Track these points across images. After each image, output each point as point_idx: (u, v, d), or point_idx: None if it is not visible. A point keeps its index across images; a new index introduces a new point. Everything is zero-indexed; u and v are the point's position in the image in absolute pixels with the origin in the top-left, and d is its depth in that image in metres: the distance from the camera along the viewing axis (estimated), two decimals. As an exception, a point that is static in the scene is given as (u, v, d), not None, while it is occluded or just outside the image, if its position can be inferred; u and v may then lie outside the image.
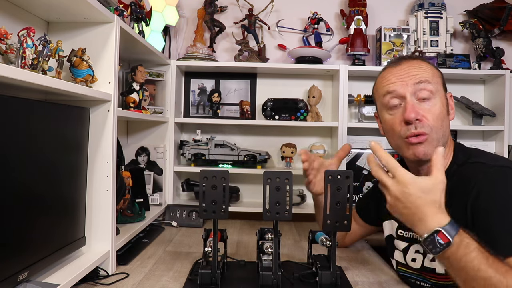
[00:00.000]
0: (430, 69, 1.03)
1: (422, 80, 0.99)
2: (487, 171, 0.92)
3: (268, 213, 0.97)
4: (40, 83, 0.83)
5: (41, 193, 0.91)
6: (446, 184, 0.99)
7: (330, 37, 2.15)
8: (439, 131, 0.99)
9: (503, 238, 0.82)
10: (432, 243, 0.77)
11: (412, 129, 0.98)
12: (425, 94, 0.98)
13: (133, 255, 1.31)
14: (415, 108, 0.98)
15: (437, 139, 0.99)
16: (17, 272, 0.81)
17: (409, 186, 0.80)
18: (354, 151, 1.99)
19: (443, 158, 0.83)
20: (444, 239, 0.76)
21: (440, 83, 1.03)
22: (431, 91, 0.98)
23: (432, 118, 0.98)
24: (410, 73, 1.01)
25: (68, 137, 1.04)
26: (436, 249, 0.77)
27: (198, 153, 1.95)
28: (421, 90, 0.99)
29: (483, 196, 0.89)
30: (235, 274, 1.12)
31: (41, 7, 1.07)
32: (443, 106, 1.01)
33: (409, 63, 1.04)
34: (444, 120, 1.00)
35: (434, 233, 0.77)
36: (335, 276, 1.03)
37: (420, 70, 1.01)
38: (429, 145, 0.98)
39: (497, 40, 2.14)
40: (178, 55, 2.13)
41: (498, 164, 0.94)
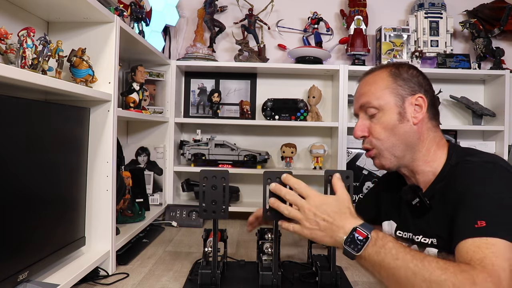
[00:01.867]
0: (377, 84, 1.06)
1: (363, 103, 1.06)
2: (470, 168, 0.93)
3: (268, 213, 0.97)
4: (40, 83, 0.83)
5: (41, 193, 0.91)
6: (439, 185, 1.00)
7: (330, 37, 2.16)
8: (389, 141, 1.03)
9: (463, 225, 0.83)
10: (352, 242, 0.82)
11: (363, 143, 1.08)
12: (370, 112, 1.05)
13: (133, 255, 1.31)
14: (360, 127, 1.07)
15: (387, 149, 1.04)
16: (17, 272, 0.81)
17: (323, 200, 0.87)
18: (354, 151, 1.99)
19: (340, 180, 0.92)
20: (362, 235, 0.82)
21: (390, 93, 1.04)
22: (374, 107, 1.05)
23: (378, 132, 1.04)
24: (358, 93, 1.10)
25: (68, 137, 1.04)
26: (358, 247, 0.81)
27: (198, 153, 1.95)
28: (366, 109, 1.06)
29: (461, 188, 0.90)
30: (235, 274, 1.12)
31: (41, 7, 1.07)
32: (391, 117, 1.03)
33: (362, 81, 1.11)
34: (395, 129, 1.03)
35: (353, 231, 0.82)
36: (335, 276, 1.03)
37: (365, 88, 1.08)
38: (382, 157, 1.05)
39: (497, 40, 2.14)
40: (178, 55, 2.13)
41: (483, 159, 0.95)
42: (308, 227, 0.86)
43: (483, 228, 0.78)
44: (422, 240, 1.01)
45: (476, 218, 0.80)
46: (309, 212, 0.86)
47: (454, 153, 1.04)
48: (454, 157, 1.02)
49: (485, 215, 0.80)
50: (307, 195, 0.88)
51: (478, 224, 0.79)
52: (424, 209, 1.01)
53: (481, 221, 0.79)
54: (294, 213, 0.88)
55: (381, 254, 0.79)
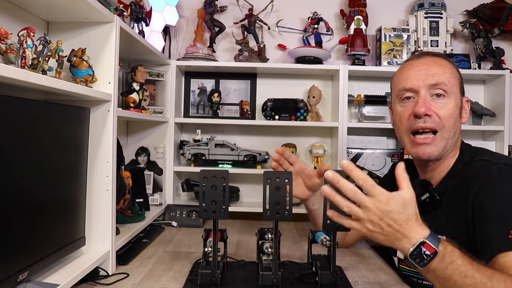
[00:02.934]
0: (450, 71, 1.03)
1: (439, 82, 1.00)
2: (489, 168, 0.92)
3: (268, 213, 0.97)
4: (40, 83, 0.83)
5: (41, 193, 0.91)
6: (451, 182, 0.99)
7: (330, 37, 2.15)
8: (450, 130, 0.99)
9: (496, 235, 0.82)
10: (419, 256, 0.77)
11: (421, 123, 0.99)
12: (439, 91, 1.00)
13: (133, 255, 1.31)
14: (427, 103, 0.99)
15: (446, 138, 0.99)
16: (17, 272, 0.81)
17: (388, 203, 0.77)
18: (354, 151, 1.99)
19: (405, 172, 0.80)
20: (430, 250, 0.76)
21: (457, 85, 1.04)
22: (446, 90, 1.00)
23: (444, 115, 0.98)
24: (429, 72, 1.01)
25: (68, 137, 1.04)
26: (424, 261, 0.76)
27: (198, 153, 1.95)
28: (436, 89, 1.00)
29: (483, 193, 0.89)
30: (235, 274, 1.12)
31: (41, 7, 1.07)
32: (456, 107, 1.01)
33: (430, 59, 1.04)
34: (456, 120, 1.01)
35: (420, 245, 0.77)
36: (335, 276, 1.03)
37: (439, 69, 1.02)
38: (435, 147, 0.99)
39: (497, 40, 2.14)
40: (178, 55, 2.13)
41: (501, 161, 0.93)
42: (370, 229, 0.79)
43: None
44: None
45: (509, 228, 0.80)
46: (373, 216, 0.78)
47: (466, 151, 1.04)
48: (466, 155, 1.02)
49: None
50: (372, 194, 0.78)
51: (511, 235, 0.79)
52: (433, 205, 1.00)
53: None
54: (356, 212, 0.79)
55: (449, 271, 0.76)
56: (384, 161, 1.98)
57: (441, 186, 1.03)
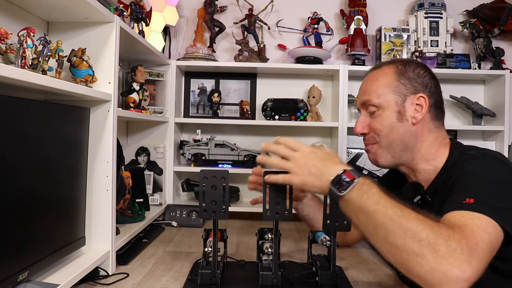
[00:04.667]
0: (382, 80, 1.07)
1: (364, 101, 1.08)
2: (472, 161, 0.95)
3: (268, 213, 0.97)
4: (40, 83, 0.83)
5: (41, 193, 0.91)
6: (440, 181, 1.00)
7: (330, 37, 2.15)
8: (387, 138, 1.05)
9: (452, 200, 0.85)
10: (338, 182, 0.82)
11: (364, 141, 1.11)
12: (370, 109, 1.07)
13: (133, 255, 1.31)
14: (361, 124, 1.09)
15: (386, 147, 1.05)
16: (17, 272, 0.80)
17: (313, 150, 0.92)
18: (354, 151, 1.99)
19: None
20: (349, 177, 0.82)
21: (391, 92, 1.05)
22: (374, 105, 1.06)
23: (377, 128, 1.05)
24: (362, 90, 1.12)
25: (68, 137, 1.04)
26: (343, 187, 0.81)
27: (198, 153, 1.95)
28: (368, 107, 1.08)
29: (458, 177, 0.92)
30: (235, 274, 1.12)
31: (41, 7, 1.07)
32: (391, 116, 1.04)
33: (367, 76, 1.13)
34: (394, 128, 1.04)
35: (341, 174, 0.83)
36: (335, 276, 1.03)
37: (368, 85, 1.09)
38: (376, 153, 1.07)
39: (497, 40, 2.14)
40: (178, 55, 2.13)
41: (485, 154, 0.97)
42: (298, 173, 0.87)
43: (470, 204, 0.80)
44: None
45: (465, 195, 0.82)
46: (300, 160, 0.88)
47: (456, 150, 1.05)
48: (456, 153, 1.03)
49: (475, 195, 0.82)
50: (298, 148, 0.91)
51: (466, 201, 0.81)
52: (425, 206, 1.01)
53: (469, 199, 0.81)
54: (284, 163, 0.90)
55: (364, 198, 0.80)
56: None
57: (432, 187, 1.04)
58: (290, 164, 0.89)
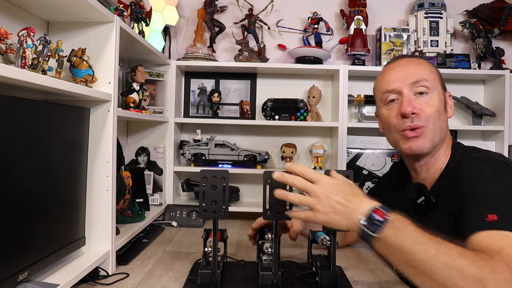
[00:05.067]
0: (428, 67, 1.06)
1: (419, 79, 1.02)
2: (479, 165, 0.94)
3: (268, 213, 0.97)
4: (40, 83, 0.83)
5: (41, 193, 0.91)
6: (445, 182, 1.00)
7: (330, 37, 2.15)
8: (436, 123, 1.01)
9: (473, 218, 0.83)
10: (370, 223, 0.78)
11: (408, 122, 1.01)
12: (421, 89, 1.02)
13: (133, 255, 1.31)
14: (412, 102, 1.01)
15: (433, 131, 1.01)
16: (17, 272, 0.80)
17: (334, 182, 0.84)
18: (354, 151, 1.99)
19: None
20: (381, 215, 0.78)
21: (438, 81, 1.06)
22: (427, 87, 1.02)
23: (429, 110, 1.01)
24: (408, 71, 1.04)
25: (68, 137, 1.04)
26: (376, 228, 0.77)
27: (198, 153, 1.95)
28: (419, 86, 1.02)
29: (469, 185, 0.91)
30: (235, 274, 1.12)
31: (41, 7, 1.07)
32: (440, 101, 1.04)
33: (407, 61, 1.07)
34: (441, 114, 1.03)
35: (371, 212, 0.78)
36: (335, 276, 1.03)
37: (417, 68, 1.04)
38: (426, 138, 1.01)
39: (497, 40, 2.14)
40: (178, 55, 2.13)
41: (490, 157, 0.95)
42: (322, 211, 0.81)
43: (494, 222, 0.79)
44: None
45: (485, 211, 0.81)
46: (322, 196, 0.81)
47: (458, 150, 1.05)
48: (458, 154, 1.03)
49: (496, 210, 0.81)
50: (317, 180, 0.83)
51: (489, 218, 0.79)
52: (429, 207, 1.01)
53: (491, 215, 0.79)
54: (305, 200, 0.83)
55: (400, 237, 0.76)
56: (384, 161, 1.98)
57: (436, 188, 1.03)
58: (311, 200, 0.82)
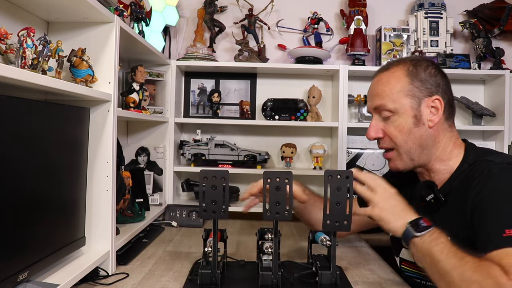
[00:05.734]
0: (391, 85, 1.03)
1: (378, 105, 1.05)
2: (493, 168, 0.93)
3: (268, 213, 0.97)
4: (40, 83, 0.83)
5: (41, 193, 0.91)
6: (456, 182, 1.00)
7: (330, 37, 2.15)
8: (407, 143, 1.03)
9: (491, 234, 0.84)
10: (416, 224, 0.91)
11: (379, 145, 1.09)
12: (385, 114, 1.05)
13: (133, 255, 1.31)
14: (374, 128, 1.07)
15: (406, 151, 1.04)
16: (17, 272, 0.80)
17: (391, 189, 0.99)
18: (354, 151, 1.99)
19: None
20: (427, 223, 0.91)
21: (405, 96, 1.02)
22: (389, 110, 1.03)
23: (394, 134, 1.04)
24: (373, 94, 1.08)
25: (68, 137, 1.04)
26: (420, 229, 0.90)
27: (198, 153, 1.95)
28: (381, 111, 1.05)
29: (483, 192, 0.90)
30: (235, 274, 1.12)
31: (41, 7, 1.07)
32: (409, 119, 1.02)
33: (376, 80, 1.09)
34: (411, 132, 1.02)
35: (419, 219, 0.92)
36: (335, 276, 1.03)
37: (379, 89, 1.06)
38: (396, 160, 1.06)
39: (497, 40, 2.14)
40: (178, 55, 2.13)
41: (505, 161, 0.94)
42: (381, 207, 0.96)
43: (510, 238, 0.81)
44: None
45: (504, 227, 0.82)
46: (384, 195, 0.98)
47: (472, 152, 1.04)
48: (472, 156, 1.03)
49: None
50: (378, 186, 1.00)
51: (507, 233, 0.81)
52: (438, 205, 1.02)
53: (509, 230, 0.82)
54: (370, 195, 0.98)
55: (432, 244, 0.87)
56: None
57: (446, 187, 1.03)
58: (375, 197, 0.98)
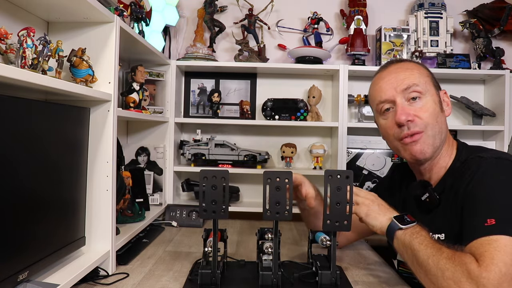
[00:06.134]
0: (417, 70, 1.07)
1: (410, 85, 1.03)
2: (482, 162, 0.94)
3: (268, 213, 0.97)
4: (40, 83, 0.83)
5: (41, 193, 0.91)
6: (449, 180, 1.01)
7: (330, 37, 2.15)
8: (434, 127, 1.02)
9: (477, 222, 0.85)
10: (401, 219, 0.96)
11: (405, 130, 1.03)
12: (414, 95, 1.03)
13: (133, 255, 1.31)
14: (405, 110, 1.02)
15: (433, 136, 1.02)
16: (17, 272, 0.81)
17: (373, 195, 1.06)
18: (354, 151, 1.99)
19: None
20: (411, 219, 0.96)
21: (430, 82, 1.07)
22: (419, 91, 1.03)
23: (425, 115, 1.02)
24: (398, 78, 1.06)
25: (68, 137, 1.04)
26: (404, 223, 0.94)
27: (198, 153, 1.95)
28: (411, 92, 1.03)
29: (471, 184, 0.92)
30: (235, 274, 1.12)
31: (41, 7, 1.07)
32: (435, 104, 1.04)
33: (396, 67, 1.09)
34: (438, 116, 1.03)
35: (404, 214, 0.97)
36: (335, 276, 1.03)
37: (407, 72, 1.06)
38: (425, 143, 1.02)
39: (497, 40, 2.14)
40: (178, 55, 2.13)
41: (494, 156, 0.96)
42: (366, 205, 1.02)
43: (491, 226, 0.81)
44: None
45: (486, 216, 0.83)
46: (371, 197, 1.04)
47: (464, 150, 1.06)
48: (464, 153, 1.04)
49: (496, 213, 0.83)
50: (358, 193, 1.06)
51: (488, 223, 0.82)
52: (433, 204, 1.03)
53: (490, 219, 0.82)
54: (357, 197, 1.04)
55: (413, 237, 0.90)
56: (384, 161, 1.98)
57: (440, 185, 1.04)
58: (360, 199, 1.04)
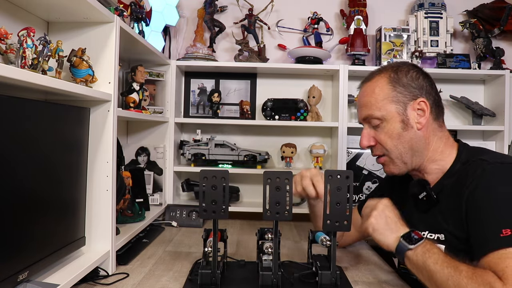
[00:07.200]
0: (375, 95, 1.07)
1: (366, 116, 1.08)
2: (485, 168, 0.93)
3: (268, 213, 0.97)
4: (40, 83, 0.83)
5: (41, 193, 0.91)
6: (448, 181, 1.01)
7: (330, 37, 2.15)
8: (397, 149, 1.05)
9: (488, 235, 0.85)
10: (408, 238, 0.93)
11: (372, 153, 1.12)
12: (374, 122, 1.07)
13: (133, 255, 1.31)
14: (366, 136, 1.09)
15: (397, 157, 1.06)
16: (17, 272, 0.81)
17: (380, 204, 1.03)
18: (354, 151, 1.99)
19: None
20: (418, 235, 0.93)
21: (390, 102, 1.05)
22: (377, 118, 1.06)
23: (385, 140, 1.06)
24: (360, 105, 1.12)
25: (68, 137, 1.04)
26: (412, 242, 0.92)
27: (198, 153, 1.95)
28: (370, 120, 1.08)
29: (478, 192, 0.91)
30: (235, 274, 1.12)
31: (41, 7, 1.07)
32: (397, 124, 1.05)
33: (361, 91, 1.13)
34: (399, 138, 1.05)
35: (411, 232, 0.95)
36: (335, 276, 1.03)
37: (365, 99, 1.09)
38: (390, 165, 1.08)
39: (497, 40, 2.14)
40: (178, 55, 2.13)
41: (498, 160, 0.95)
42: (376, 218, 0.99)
43: (508, 237, 0.81)
44: (429, 236, 1.02)
45: (501, 227, 0.82)
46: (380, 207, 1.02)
47: (465, 151, 1.05)
48: (464, 155, 1.04)
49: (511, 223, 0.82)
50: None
51: (503, 233, 0.81)
52: (430, 203, 1.03)
53: (506, 230, 0.82)
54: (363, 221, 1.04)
55: (426, 256, 0.88)
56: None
57: (438, 185, 1.04)
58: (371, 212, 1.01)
